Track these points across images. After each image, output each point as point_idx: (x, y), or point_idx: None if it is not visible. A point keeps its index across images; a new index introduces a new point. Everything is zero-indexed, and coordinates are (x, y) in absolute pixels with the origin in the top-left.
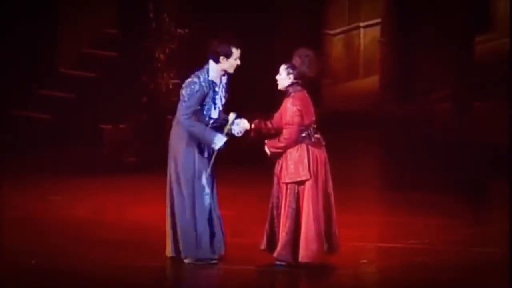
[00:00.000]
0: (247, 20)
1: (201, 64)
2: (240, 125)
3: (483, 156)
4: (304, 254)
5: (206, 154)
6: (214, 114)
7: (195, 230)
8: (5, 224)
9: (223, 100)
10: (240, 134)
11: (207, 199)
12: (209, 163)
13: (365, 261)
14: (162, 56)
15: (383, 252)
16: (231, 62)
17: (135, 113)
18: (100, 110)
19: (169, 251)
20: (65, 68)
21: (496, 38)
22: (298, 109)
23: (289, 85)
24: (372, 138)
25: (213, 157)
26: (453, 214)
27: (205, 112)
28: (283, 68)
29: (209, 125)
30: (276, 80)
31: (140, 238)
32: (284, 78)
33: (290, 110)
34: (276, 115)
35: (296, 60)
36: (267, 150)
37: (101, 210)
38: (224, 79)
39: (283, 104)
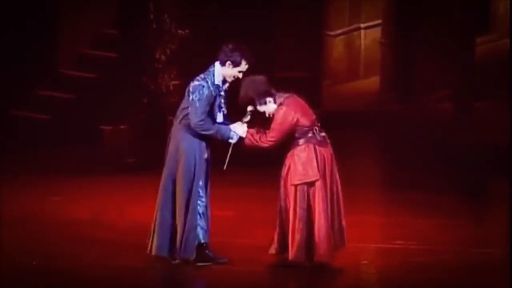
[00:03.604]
0: (247, 21)
1: (201, 65)
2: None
3: (483, 156)
4: (319, 254)
5: (206, 156)
6: (219, 118)
7: (191, 231)
8: (5, 224)
9: (226, 105)
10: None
11: (201, 201)
12: (207, 167)
13: (365, 261)
14: (162, 56)
15: (383, 252)
16: (234, 72)
17: (135, 113)
18: (100, 110)
19: (154, 249)
20: (65, 68)
21: (497, 39)
22: (293, 116)
23: (274, 100)
24: (372, 138)
25: (229, 152)
26: (453, 215)
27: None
28: (252, 107)
29: None
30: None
31: (140, 238)
32: (265, 107)
33: (281, 115)
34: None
35: (247, 89)
36: (246, 137)
37: (101, 210)
38: (226, 84)
39: (276, 112)
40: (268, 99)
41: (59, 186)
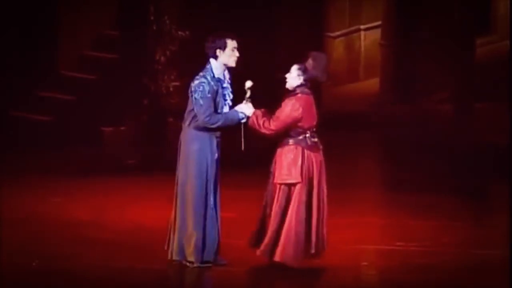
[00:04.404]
0: (247, 22)
1: (201, 66)
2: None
3: (484, 157)
4: (279, 253)
5: (216, 156)
6: (226, 110)
7: (204, 234)
8: (5, 225)
9: (231, 95)
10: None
11: (211, 202)
12: (216, 166)
13: (365, 263)
14: (162, 58)
15: (383, 254)
16: (228, 53)
17: (136, 115)
18: (100, 112)
19: (173, 254)
20: (66, 69)
21: (497, 40)
22: (298, 112)
23: (298, 86)
24: (373, 139)
25: (242, 132)
26: (453, 216)
27: (219, 110)
28: (294, 68)
29: None
30: (282, 80)
31: (140, 240)
32: (294, 77)
33: (288, 108)
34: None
35: (309, 63)
36: (251, 117)
37: (101, 211)
38: (227, 74)
39: (286, 101)
40: (301, 76)
41: (60, 186)
